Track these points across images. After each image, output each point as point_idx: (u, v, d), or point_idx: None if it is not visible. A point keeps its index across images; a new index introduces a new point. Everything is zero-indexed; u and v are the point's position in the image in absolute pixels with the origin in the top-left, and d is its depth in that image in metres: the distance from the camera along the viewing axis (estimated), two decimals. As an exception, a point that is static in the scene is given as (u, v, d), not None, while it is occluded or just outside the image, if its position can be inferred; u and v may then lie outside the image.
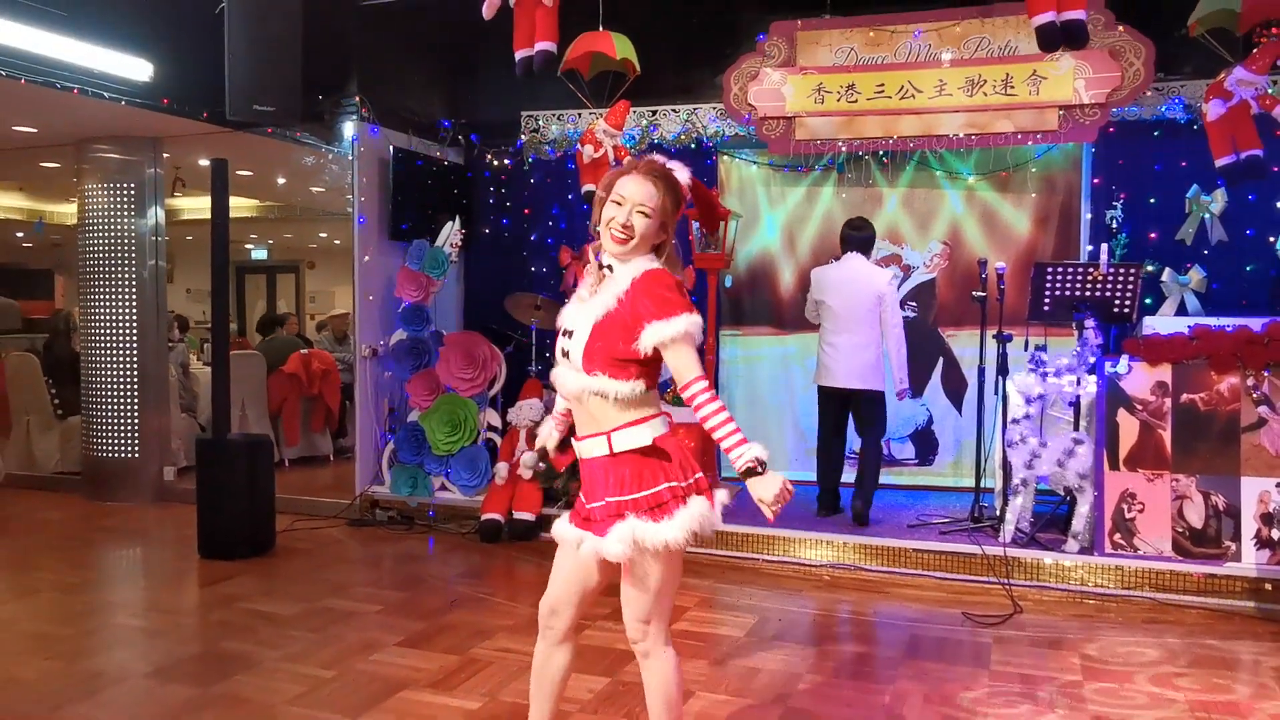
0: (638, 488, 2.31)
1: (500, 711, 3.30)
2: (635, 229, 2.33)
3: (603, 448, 2.34)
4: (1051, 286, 5.09)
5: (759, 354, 6.76)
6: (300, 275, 18.00)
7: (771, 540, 5.30)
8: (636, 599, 2.37)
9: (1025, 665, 3.79)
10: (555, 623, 2.51)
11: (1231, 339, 4.59)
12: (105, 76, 5.63)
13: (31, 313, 14.07)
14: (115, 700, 3.40)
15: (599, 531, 2.34)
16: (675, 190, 2.38)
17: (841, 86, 5.85)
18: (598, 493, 2.37)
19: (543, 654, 2.55)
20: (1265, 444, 4.55)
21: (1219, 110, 4.53)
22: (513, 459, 5.94)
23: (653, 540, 2.27)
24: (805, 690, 3.51)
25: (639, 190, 2.34)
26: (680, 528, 2.28)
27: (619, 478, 2.33)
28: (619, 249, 2.35)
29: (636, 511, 2.29)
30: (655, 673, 2.41)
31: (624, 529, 2.28)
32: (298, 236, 15.72)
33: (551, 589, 2.52)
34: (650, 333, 2.27)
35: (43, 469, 7.73)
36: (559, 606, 2.50)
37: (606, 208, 2.37)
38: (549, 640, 2.53)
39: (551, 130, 6.88)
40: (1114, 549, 4.72)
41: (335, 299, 15.67)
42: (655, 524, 2.28)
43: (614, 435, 2.32)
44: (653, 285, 2.31)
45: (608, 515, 2.33)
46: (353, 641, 4.00)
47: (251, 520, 5.41)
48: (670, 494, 2.30)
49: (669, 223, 2.38)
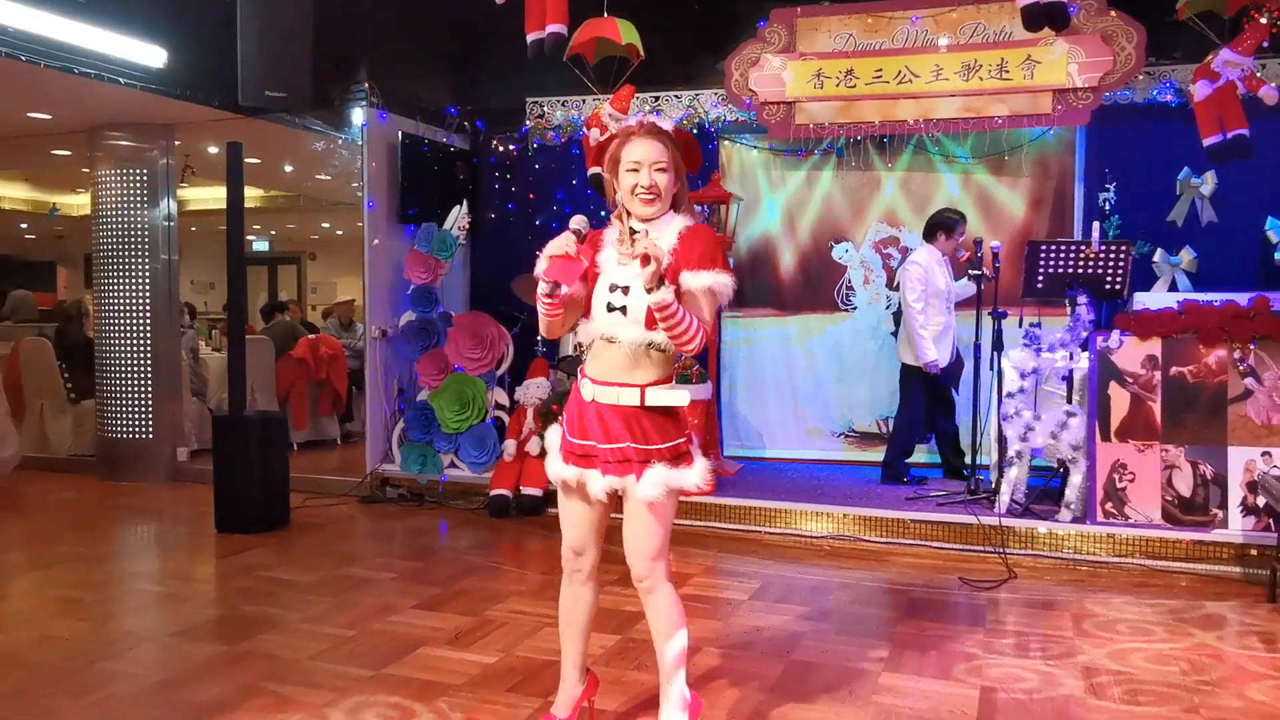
0: (664, 439, 2.50)
1: (516, 665, 3.44)
2: (659, 185, 2.50)
3: (634, 398, 2.49)
4: (1045, 264, 5.23)
5: (760, 335, 6.91)
6: (302, 266, 18.12)
7: (772, 513, 5.45)
8: (649, 539, 2.53)
9: (1020, 624, 3.94)
10: (582, 563, 2.66)
11: (1219, 313, 4.73)
12: (120, 62, 5.76)
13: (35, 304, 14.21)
14: (148, 656, 3.55)
15: (614, 472, 2.50)
16: (674, 139, 2.57)
17: (840, 72, 6.00)
18: (613, 437, 2.51)
19: (570, 597, 2.71)
20: (1251, 414, 4.70)
21: (1206, 91, 4.67)
22: (520, 436, 6.08)
23: (684, 485, 2.49)
24: (807, 646, 3.66)
25: (649, 150, 2.50)
26: (701, 474, 2.52)
27: (645, 429, 2.49)
28: (649, 210, 2.51)
29: (663, 460, 2.48)
30: (661, 605, 2.56)
31: (657, 475, 2.47)
32: (300, 228, 15.83)
33: (571, 532, 2.66)
34: (695, 279, 2.44)
35: (56, 451, 7.88)
36: (583, 546, 2.65)
37: (624, 177, 2.52)
38: (576, 582, 2.69)
39: (556, 116, 7.01)
40: (1105, 517, 4.87)
41: (337, 290, 15.82)
42: (681, 471, 2.49)
43: (649, 390, 2.49)
44: (702, 238, 2.50)
45: (624, 459, 2.49)
46: (370, 605, 4.15)
47: (267, 495, 5.56)
48: (686, 445, 2.54)
49: (680, 170, 2.56)
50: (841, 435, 6.84)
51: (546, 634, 3.76)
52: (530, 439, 6.01)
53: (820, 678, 3.34)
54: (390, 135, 6.69)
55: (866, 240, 6.74)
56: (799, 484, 6.03)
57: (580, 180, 7.00)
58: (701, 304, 2.46)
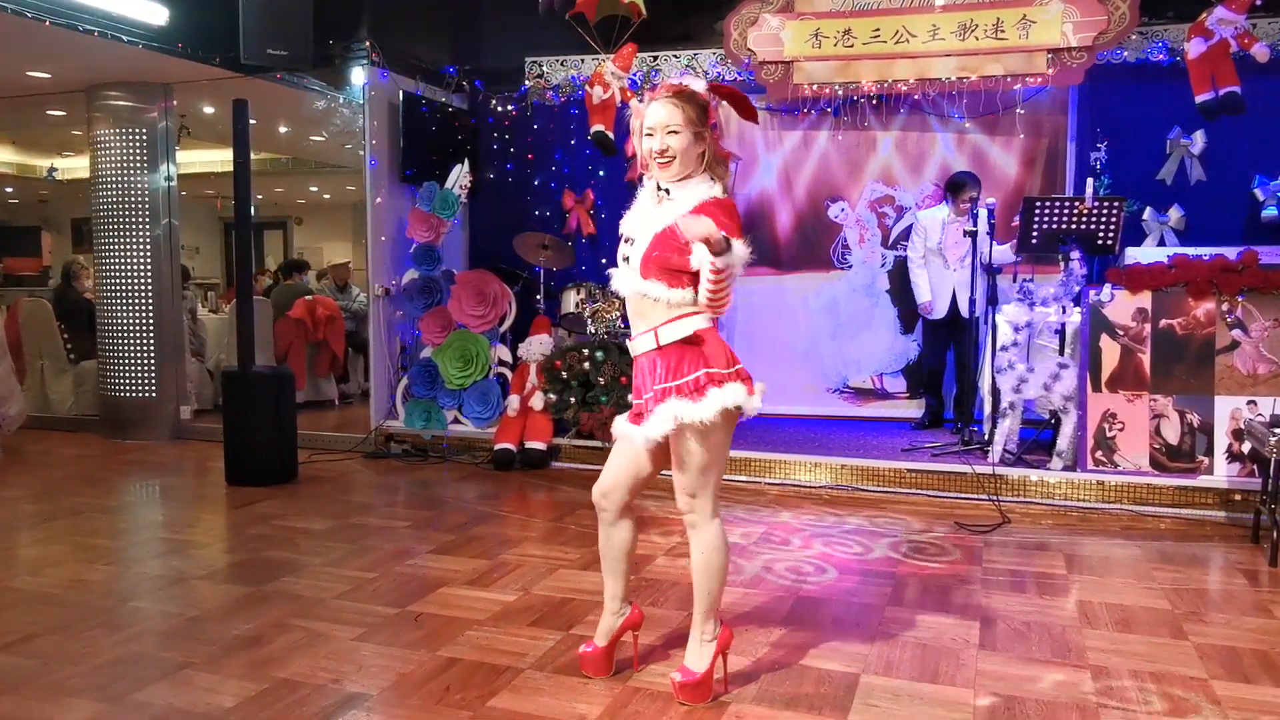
0: (680, 374, 2.55)
1: (534, 602, 3.58)
2: (673, 148, 2.55)
3: (650, 342, 2.59)
4: (1039, 220, 5.36)
5: (756, 293, 7.01)
6: (288, 231, 18.08)
7: (772, 464, 5.60)
8: (682, 475, 2.63)
9: (1014, 563, 4.10)
10: (606, 504, 2.78)
11: (1208, 267, 4.88)
12: (122, 19, 5.78)
13: (19, 269, 14.15)
14: (178, 596, 3.66)
15: (639, 422, 2.62)
16: (695, 99, 2.59)
17: (838, 31, 6.07)
18: (648, 385, 2.62)
19: (602, 535, 2.83)
20: (1238, 365, 4.86)
21: (1200, 48, 4.79)
22: (524, 392, 6.19)
23: (690, 417, 2.51)
24: (813, 584, 3.81)
25: (661, 114, 2.57)
26: (713, 406, 2.51)
27: (665, 367, 2.58)
28: (668, 173, 2.58)
29: (679, 395, 2.53)
30: (700, 541, 2.66)
31: (666, 409, 2.54)
32: (287, 191, 15.78)
33: (604, 475, 2.78)
34: (700, 252, 2.44)
35: (57, 411, 7.93)
36: (609, 490, 2.77)
37: (645, 141, 2.60)
38: (605, 520, 2.80)
39: (555, 76, 7.06)
40: (1095, 465, 5.04)
41: (324, 255, 15.80)
42: (693, 404, 2.52)
43: (660, 329, 2.57)
44: (713, 210, 2.47)
45: (655, 402, 2.59)
46: (388, 550, 4.27)
47: (278, 448, 5.65)
48: (709, 379, 2.53)
49: (702, 131, 2.59)
50: (837, 391, 6.98)
51: (561, 574, 3.90)
52: (534, 394, 6.12)
53: (828, 611, 3.49)
54: (391, 94, 6.72)
55: (862, 199, 6.85)
56: (796, 438, 6.17)
57: (579, 140, 7.07)
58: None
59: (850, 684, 2.84)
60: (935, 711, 2.67)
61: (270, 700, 2.73)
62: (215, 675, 2.91)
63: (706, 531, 2.65)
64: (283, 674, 2.91)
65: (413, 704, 2.72)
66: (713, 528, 2.66)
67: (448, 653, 3.08)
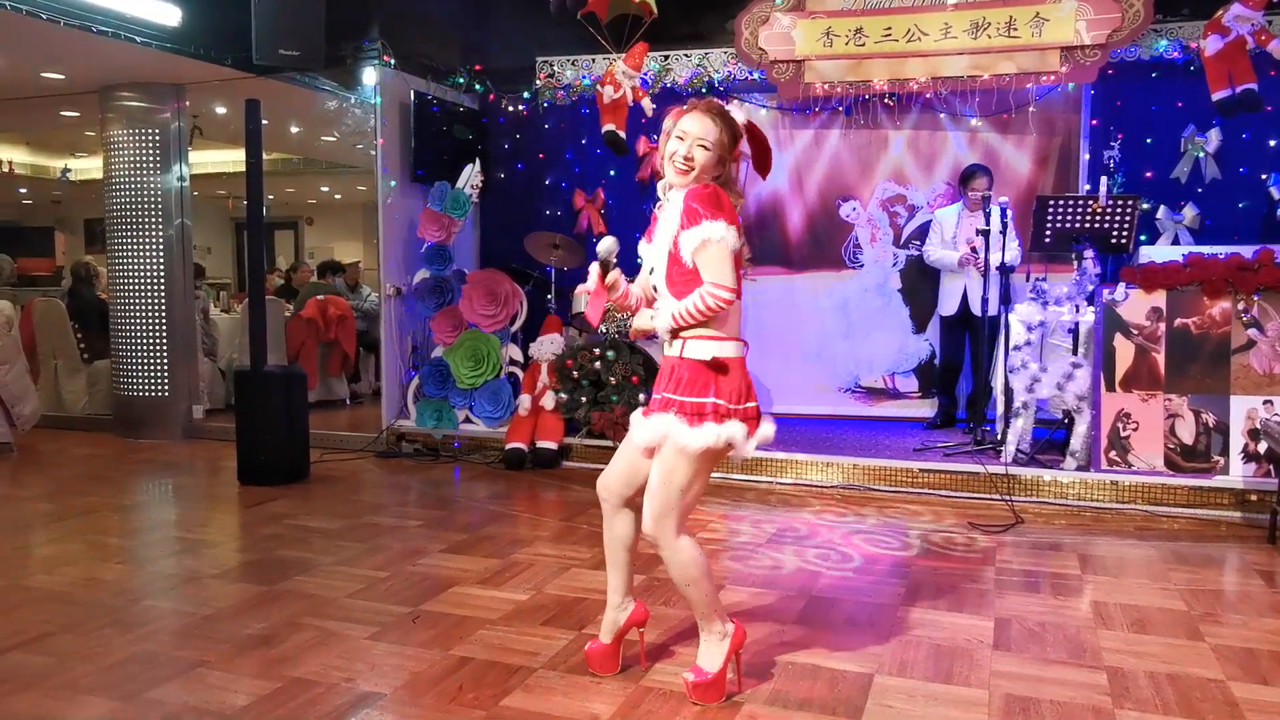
0: (688, 392, 2.55)
1: (547, 601, 3.57)
2: (696, 161, 2.57)
3: (677, 350, 2.60)
4: (1053, 219, 5.33)
5: (767, 292, 6.99)
6: (300, 231, 18.15)
7: (784, 463, 5.59)
8: (656, 491, 2.59)
9: (1028, 563, 4.08)
10: (608, 495, 2.79)
11: (1224, 265, 4.84)
12: (136, 20, 5.80)
13: (32, 269, 14.22)
14: (191, 595, 3.67)
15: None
16: (733, 127, 2.61)
17: (850, 30, 6.05)
18: (660, 387, 2.64)
19: (605, 525, 2.84)
20: (1254, 364, 4.83)
21: (1217, 45, 4.76)
22: (535, 391, 6.19)
23: (676, 438, 2.51)
24: (826, 583, 3.80)
25: (699, 126, 2.57)
26: (703, 438, 2.49)
27: (678, 378, 2.58)
28: (681, 180, 2.59)
29: (679, 413, 2.53)
30: (670, 558, 2.64)
31: (660, 420, 2.56)
32: (298, 192, 15.85)
33: (609, 466, 2.80)
34: (683, 245, 2.52)
35: (71, 410, 7.97)
36: (609, 481, 2.79)
37: (670, 143, 2.61)
38: (607, 512, 2.81)
39: (565, 76, 7.05)
40: (1109, 465, 5.01)
41: (334, 254, 15.85)
42: (688, 427, 2.51)
43: (688, 342, 2.58)
44: (686, 201, 2.53)
45: (657, 408, 2.60)
46: (400, 549, 4.27)
47: (290, 448, 5.66)
48: (713, 408, 2.51)
49: (726, 157, 2.61)
50: (849, 391, 6.96)
51: (574, 573, 3.90)
52: (545, 394, 6.12)
53: (841, 611, 3.48)
54: (402, 94, 6.73)
55: (874, 198, 6.83)
56: (808, 438, 6.15)
57: (590, 140, 7.06)
58: (703, 255, 2.49)
59: (864, 684, 2.83)
60: (950, 712, 2.66)
61: (283, 699, 2.74)
62: (228, 674, 2.91)
63: (672, 551, 2.61)
64: (296, 673, 2.92)
65: (426, 703, 2.72)
66: (679, 545, 2.61)
67: (460, 652, 3.08)
